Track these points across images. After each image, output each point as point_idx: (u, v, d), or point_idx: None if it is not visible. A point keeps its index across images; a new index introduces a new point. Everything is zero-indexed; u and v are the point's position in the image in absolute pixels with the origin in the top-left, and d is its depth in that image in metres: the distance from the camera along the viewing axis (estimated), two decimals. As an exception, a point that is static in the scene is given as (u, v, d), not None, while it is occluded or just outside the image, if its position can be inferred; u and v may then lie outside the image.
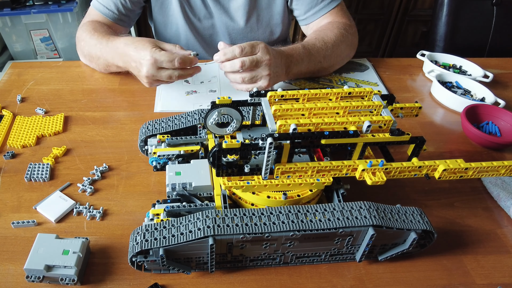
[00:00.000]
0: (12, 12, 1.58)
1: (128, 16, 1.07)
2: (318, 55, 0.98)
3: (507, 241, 0.69)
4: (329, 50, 1.00)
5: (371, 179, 0.57)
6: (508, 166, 0.59)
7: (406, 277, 0.62)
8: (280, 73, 0.90)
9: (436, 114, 0.99)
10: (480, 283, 0.62)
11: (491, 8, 1.49)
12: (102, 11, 1.04)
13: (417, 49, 1.18)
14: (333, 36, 1.01)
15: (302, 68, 0.97)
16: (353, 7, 2.27)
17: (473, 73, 1.11)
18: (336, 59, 1.04)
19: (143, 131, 0.74)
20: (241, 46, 0.82)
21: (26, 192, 0.72)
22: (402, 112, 0.68)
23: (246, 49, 0.82)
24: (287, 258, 0.60)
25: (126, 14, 1.06)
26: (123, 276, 0.60)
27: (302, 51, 0.96)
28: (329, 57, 1.01)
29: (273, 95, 0.61)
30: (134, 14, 1.10)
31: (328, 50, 0.99)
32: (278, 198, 0.59)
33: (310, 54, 0.97)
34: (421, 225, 0.58)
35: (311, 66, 0.99)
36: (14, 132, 0.85)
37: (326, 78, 1.07)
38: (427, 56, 1.14)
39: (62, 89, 1.00)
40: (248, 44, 0.82)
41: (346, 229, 0.55)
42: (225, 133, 0.66)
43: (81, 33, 1.01)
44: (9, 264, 0.60)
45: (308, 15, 1.11)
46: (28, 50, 1.74)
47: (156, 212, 0.59)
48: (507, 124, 0.91)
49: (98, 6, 1.04)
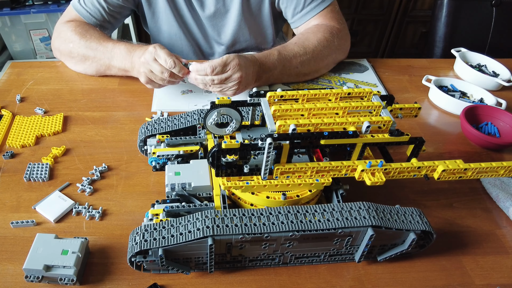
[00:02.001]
0: (12, 11, 1.58)
1: (110, 23, 1.06)
2: (295, 61, 0.97)
3: (506, 242, 0.69)
4: (308, 55, 0.98)
5: (370, 180, 0.57)
6: (507, 167, 0.60)
7: (405, 278, 0.62)
8: (250, 82, 0.91)
9: (436, 115, 0.99)
10: (479, 283, 0.62)
11: (491, 9, 1.49)
12: (83, 15, 1.01)
13: (416, 50, 1.18)
14: (315, 41, 1.00)
15: (274, 75, 0.97)
16: (353, 8, 2.27)
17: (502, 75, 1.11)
18: (318, 64, 1.03)
19: (142, 131, 0.74)
20: (212, 66, 0.83)
21: (25, 192, 0.72)
22: (402, 113, 0.68)
23: (217, 70, 0.83)
24: (286, 259, 0.60)
25: (109, 20, 1.05)
26: (122, 276, 0.60)
27: (276, 58, 0.95)
28: (308, 62, 0.99)
29: (273, 96, 0.61)
30: (117, 21, 1.08)
31: (307, 55, 0.98)
32: (277, 198, 0.59)
33: (285, 60, 0.96)
34: (420, 225, 0.58)
35: (286, 72, 0.98)
36: (14, 132, 0.85)
37: (325, 78, 1.07)
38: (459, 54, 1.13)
39: (61, 89, 1.00)
40: (220, 63, 0.83)
41: (345, 230, 0.55)
42: (225, 133, 0.66)
43: (67, 35, 0.97)
44: (8, 264, 0.60)
45: (296, 19, 1.09)
46: (28, 50, 1.74)
47: (155, 212, 0.59)
48: (506, 125, 0.91)
49: (79, 8, 1.01)
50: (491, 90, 1.06)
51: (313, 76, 1.06)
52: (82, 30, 0.97)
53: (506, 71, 1.11)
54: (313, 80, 1.06)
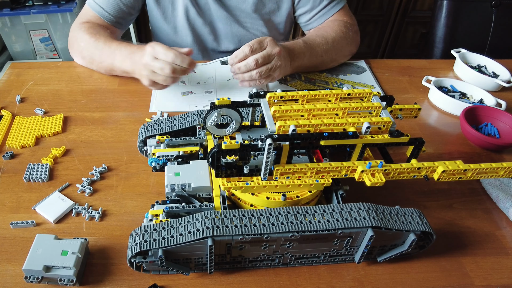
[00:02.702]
0: (12, 12, 1.58)
1: (124, 18, 1.08)
2: (320, 49, 1.02)
3: (506, 243, 0.69)
4: (329, 44, 1.03)
5: (370, 180, 0.57)
6: (507, 168, 0.60)
7: (405, 279, 0.62)
8: (287, 65, 0.93)
9: (435, 115, 0.99)
10: (479, 284, 0.62)
11: (490, 9, 1.49)
12: (99, 13, 1.03)
13: (416, 51, 1.19)
14: (332, 32, 1.06)
15: (304, 62, 1.00)
16: (353, 8, 2.27)
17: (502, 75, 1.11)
18: (337, 54, 1.08)
19: (142, 132, 0.74)
20: (249, 45, 0.85)
21: (25, 193, 0.72)
22: (401, 114, 0.68)
23: (255, 46, 0.85)
24: (286, 259, 0.60)
25: (123, 16, 1.07)
26: (122, 277, 0.59)
27: (303, 45, 0.99)
28: (330, 51, 1.05)
29: (273, 96, 0.61)
30: (131, 17, 1.10)
31: (328, 45, 1.03)
32: (277, 199, 0.59)
33: (311, 48, 1.00)
34: (420, 226, 0.58)
35: (313, 60, 1.03)
36: (13, 132, 0.84)
37: (323, 80, 1.08)
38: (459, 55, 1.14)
39: (61, 90, 1.00)
40: (256, 40, 0.86)
41: (345, 230, 0.55)
42: (225, 134, 0.66)
43: (79, 35, 1.00)
44: (8, 264, 0.60)
45: (313, 20, 1.15)
46: (28, 50, 1.74)
47: (155, 213, 0.59)
48: (506, 126, 0.91)
49: (95, 7, 1.03)
50: (491, 91, 1.06)
51: (333, 65, 1.12)
52: (94, 31, 0.99)
53: (506, 72, 1.11)
54: (311, 81, 1.07)
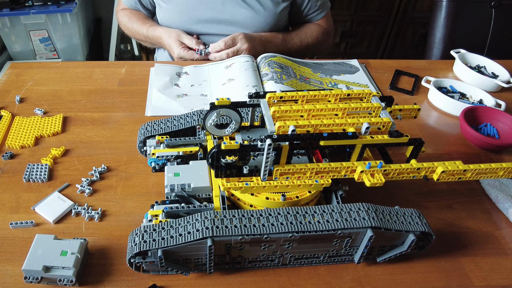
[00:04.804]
0: (11, 12, 1.58)
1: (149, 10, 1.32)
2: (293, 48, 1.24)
3: (506, 243, 0.69)
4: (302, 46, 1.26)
5: (369, 181, 0.57)
6: (507, 168, 0.60)
7: (404, 279, 0.62)
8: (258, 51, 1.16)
9: (435, 116, 0.99)
10: (478, 285, 0.62)
11: (490, 10, 1.50)
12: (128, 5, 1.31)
13: (416, 51, 1.19)
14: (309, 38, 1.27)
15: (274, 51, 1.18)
16: (353, 9, 2.27)
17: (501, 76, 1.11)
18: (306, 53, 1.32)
19: (142, 132, 0.74)
20: (224, 41, 1.10)
21: (24, 193, 0.72)
22: (401, 114, 0.68)
23: (228, 42, 1.10)
24: (285, 260, 0.60)
25: (148, 9, 1.31)
26: (122, 277, 0.59)
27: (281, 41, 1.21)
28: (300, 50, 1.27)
29: (272, 97, 0.61)
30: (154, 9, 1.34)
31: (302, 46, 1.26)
32: (277, 199, 0.59)
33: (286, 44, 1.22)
34: (419, 227, 0.58)
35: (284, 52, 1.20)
36: (13, 132, 0.84)
37: (317, 80, 1.08)
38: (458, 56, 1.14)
39: (61, 90, 1.00)
40: (230, 37, 1.11)
41: (345, 231, 0.55)
42: (224, 134, 0.66)
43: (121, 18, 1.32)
44: (7, 264, 0.60)
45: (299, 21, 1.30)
46: (27, 50, 1.74)
47: (155, 213, 0.59)
48: (506, 126, 0.91)
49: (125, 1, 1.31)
50: (490, 92, 1.06)
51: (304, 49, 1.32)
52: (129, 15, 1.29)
53: (505, 72, 1.11)
54: (306, 80, 1.07)
